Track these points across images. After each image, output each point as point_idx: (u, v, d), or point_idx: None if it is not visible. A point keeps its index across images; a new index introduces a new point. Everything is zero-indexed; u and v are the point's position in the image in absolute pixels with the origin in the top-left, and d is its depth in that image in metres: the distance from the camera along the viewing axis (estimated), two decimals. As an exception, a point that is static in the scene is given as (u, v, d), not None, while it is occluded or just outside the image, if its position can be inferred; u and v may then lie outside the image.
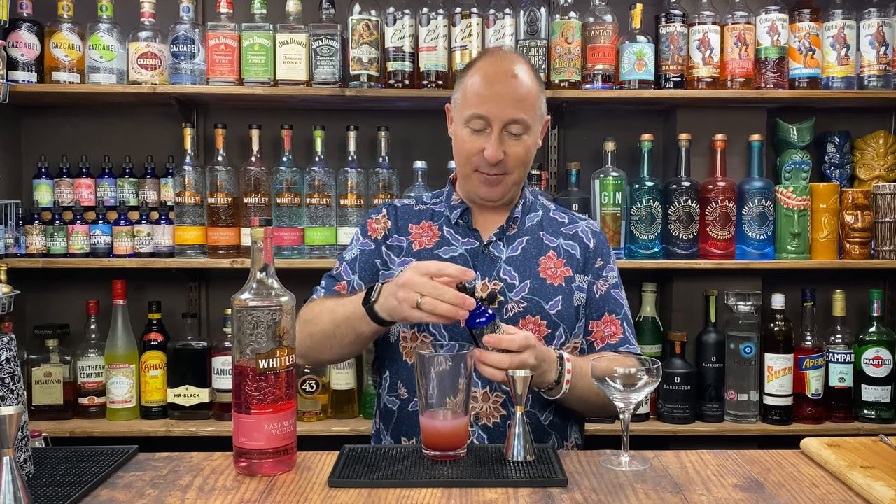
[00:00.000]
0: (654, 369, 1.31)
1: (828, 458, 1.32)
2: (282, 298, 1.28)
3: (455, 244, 1.69)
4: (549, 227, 1.74)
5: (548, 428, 1.62)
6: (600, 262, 1.73)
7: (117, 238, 2.57)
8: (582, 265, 1.71)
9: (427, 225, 1.73)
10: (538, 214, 1.76)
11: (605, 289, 1.72)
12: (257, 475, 1.27)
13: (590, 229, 1.77)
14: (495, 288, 1.63)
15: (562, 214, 1.80)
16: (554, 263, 1.68)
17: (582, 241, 1.74)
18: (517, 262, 1.67)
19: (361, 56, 2.52)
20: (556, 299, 1.64)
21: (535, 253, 1.69)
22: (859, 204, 2.61)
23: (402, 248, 1.71)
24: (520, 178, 1.69)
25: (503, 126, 1.61)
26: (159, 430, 2.52)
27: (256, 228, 1.29)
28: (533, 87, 1.64)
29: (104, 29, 2.55)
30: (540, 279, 1.65)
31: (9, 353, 1.20)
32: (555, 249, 1.70)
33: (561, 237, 1.73)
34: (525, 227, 1.72)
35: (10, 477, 1.02)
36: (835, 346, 2.62)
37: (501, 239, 1.69)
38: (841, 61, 2.63)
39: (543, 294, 1.64)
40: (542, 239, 1.72)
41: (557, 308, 1.64)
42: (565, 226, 1.76)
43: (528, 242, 1.70)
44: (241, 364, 1.26)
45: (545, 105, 1.70)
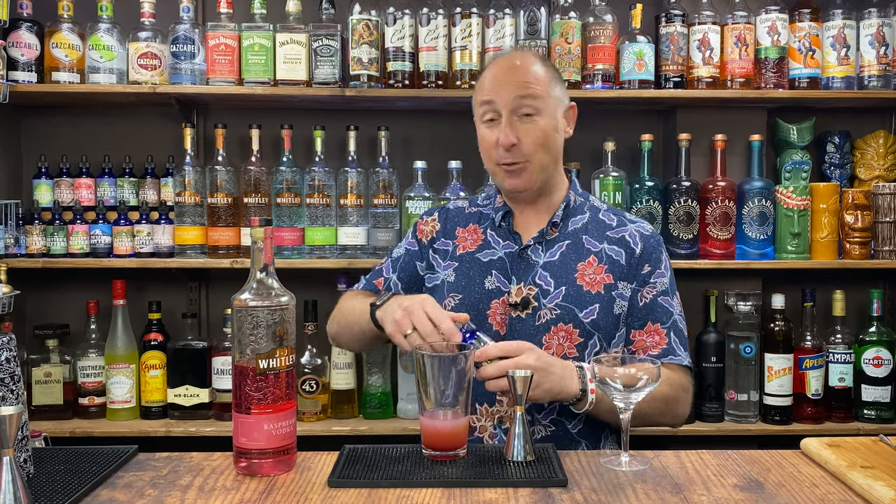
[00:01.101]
0: (655, 369, 1.31)
1: (828, 458, 1.32)
2: (282, 298, 1.28)
3: (496, 247, 1.68)
4: (593, 231, 1.69)
5: (576, 436, 1.61)
6: (648, 267, 1.66)
7: (117, 238, 2.57)
8: (626, 271, 1.65)
9: (473, 228, 1.73)
10: (584, 217, 1.71)
11: (652, 296, 1.65)
12: (257, 475, 1.27)
13: (639, 233, 1.70)
14: (529, 293, 1.61)
15: (612, 216, 1.73)
16: (594, 269, 1.64)
17: (628, 245, 1.67)
18: (554, 267, 1.64)
19: (361, 56, 2.52)
20: (592, 307, 1.61)
21: (574, 258, 1.65)
22: (859, 204, 2.61)
23: (447, 251, 1.72)
24: (544, 164, 1.65)
25: (512, 110, 1.60)
26: (159, 430, 2.52)
27: (256, 228, 1.29)
28: (540, 70, 1.64)
29: (104, 29, 2.55)
30: (576, 286, 1.62)
31: (9, 353, 1.20)
32: (596, 254, 1.66)
33: (605, 241, 1.68)
34: (567, 231, 1.68)
35: (10, 477, 1.02)
36: (835, 346, 2.62)
37: (541, 243, 1.66)
38: (841, 61, 2.63)
39: (578, 301, 1.61)
40: (584, 243, 1.67)
41: (593, 316, 1.60)
42: (612, 229, 1.70)
43: (567, 247, 1.66)
44: (241, 364, 1.26)
45: (563, 91, 1.69)
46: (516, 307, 1.60)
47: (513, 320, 1.61)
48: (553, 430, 1.59)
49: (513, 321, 1.61)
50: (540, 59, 1.69)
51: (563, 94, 1.69)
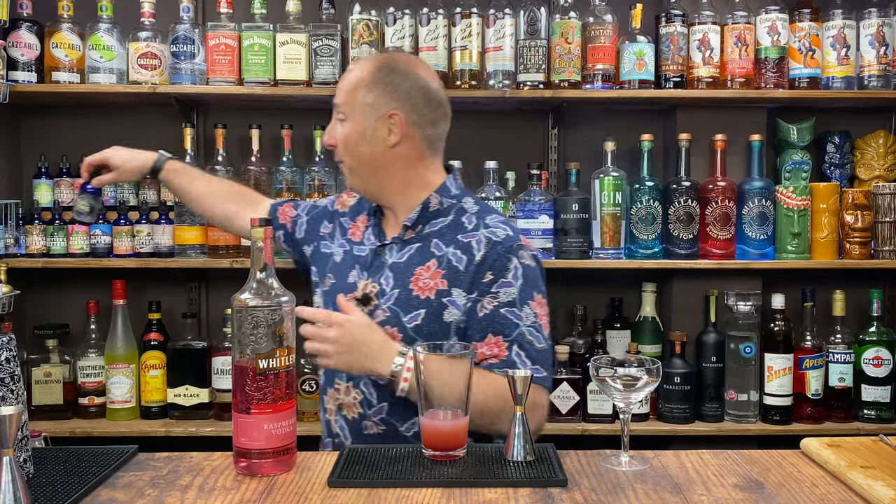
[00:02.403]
0: (654, 369, 1.31)
1: (828, 458, 1.32)
2: (282, 298, 1.28)
3: (367, 243, 1.72)
4: (447, 235, 1.64)
5: (413, 439, 1.56)
6: (490, 276, 1.57)
7: (117, 238, 2.57)
8: (463, 278, 1.58)
9: (363, 219, 1.77)
10: (446, 220, 1.66)
11: (493, 307, 1.56)
12: (257, 475, 1.27)
13: (487, 238, 1.61)
14: (372, 291, 1.63)
15: (474, 220, 1.65)
16: (430, 274, 1.60)
17: (471, 251, 1.60)
18: (398, 268, 1.63)
19: (361, 56, 2.52)
20: (417, 313, 1.57)
21: (416, 261, 1.62)
22: (859, 204, 2.61)
23: (346, 229, 1.78)
24: (353, 168, 1.67)
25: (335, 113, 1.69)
26: (159, 430, 2.52)
27: (256, 228, 1.29)
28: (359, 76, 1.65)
29: (104, 29, 2.55)
30: (407, 290, 1.60)
31: (9, 353, 1.20)
32: (438, 259, 1.61)
33: (452, 246, 1.62)
34: (422, 234, 1.66)
35: (10, 477, 1.02)
36: (835, 345, 2.62)
37: (398, 243, 1.67)
38: (841, 61, 2.63)
39: (405, 306, 1.59)
40: (431, 247, 1.63)
41: (416, 322, 1.57)
42: (465, 233, 1.63)
43: (417, 250, 1.64)
44: (241, 364, 1.26)
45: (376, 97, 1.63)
46: (359, 302, 1.63)
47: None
48: (384, 430, 1.59)
49: None
50: (373, 63, 1.67)
51: (386, 101, 1.63)
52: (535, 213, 2.57)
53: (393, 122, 1.63)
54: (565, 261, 2.60)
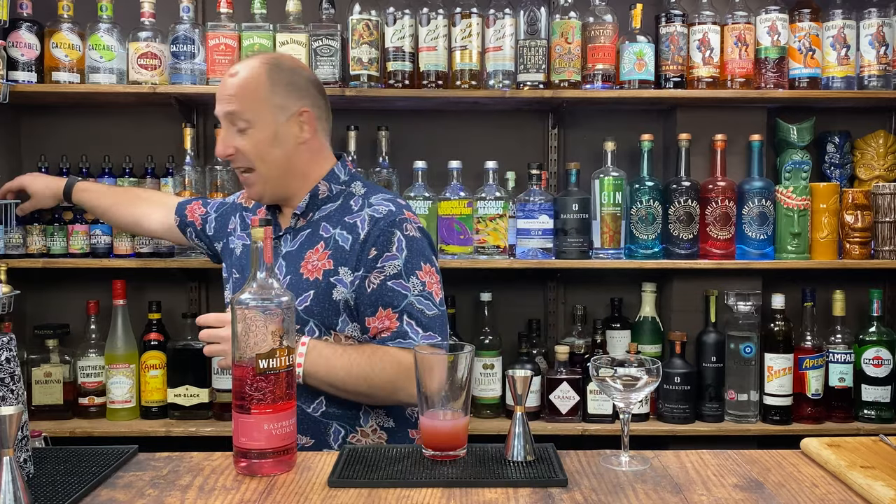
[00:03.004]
0: (654, 369, 1.31)
1: (828, 458, 1.32)
2: (282, 298, 1.28)
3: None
4: (334, 218, 1.69)
5: (322, 418, 1.64)
6: (374, 251, 1.62)
7: (117, 238, 2.57)
8: (348, 256, 1.63)
9: (261, 212, 1.80)
10: (334, 205, 1.72)
11: (380, 281, 1.61)
12: (257, 475, 1.27)
13: (370, 216, 1.65)
14: None
15: (360, 201, 1.70)
16: (318, 256, 1.66)
17: (355, 230, 1.65)
18: (291, 256, 1.69)
19: (361, 56, 2.52)
20: (307, 294, 1.63)
21: (306, 246, 1.68)
22: (859, 204, 2.61)
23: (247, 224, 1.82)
24: (269, 176, 1.67)
25: (228, 122, 1.67)
26: (159, 430, 2.52)
27: (256, 228, 1.30)
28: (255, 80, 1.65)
29: (104, 29, 2.55)
30: (298, 274, 1.66)
31: (9, 353, 1.20)
32: (325, 241, 1.66)
33: (339, 227, 1.67)
34: (313, 220, 1.71)
35: (10, 477, 1.02)
36: (835, 345, 2.62)
37: (290, 232, 1.71)
38: (841, 61, 2.63)
39: (296, 289, 1.64)
40: (320, 231, 1.68)
41: (306, 304, 1.63)
42: (351, 214, 1.68)
43: (306, 236, 1.70)
44: (241, 364, 1.26)
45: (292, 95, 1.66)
46: None
47: None
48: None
49: None
50: (264, 65, 1.67)
51: (292, 100, 1.66)
52: (534, 213, 2.57)
53: (303, 119, 1.67)
54: (565, 261, 2.60)
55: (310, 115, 1.68)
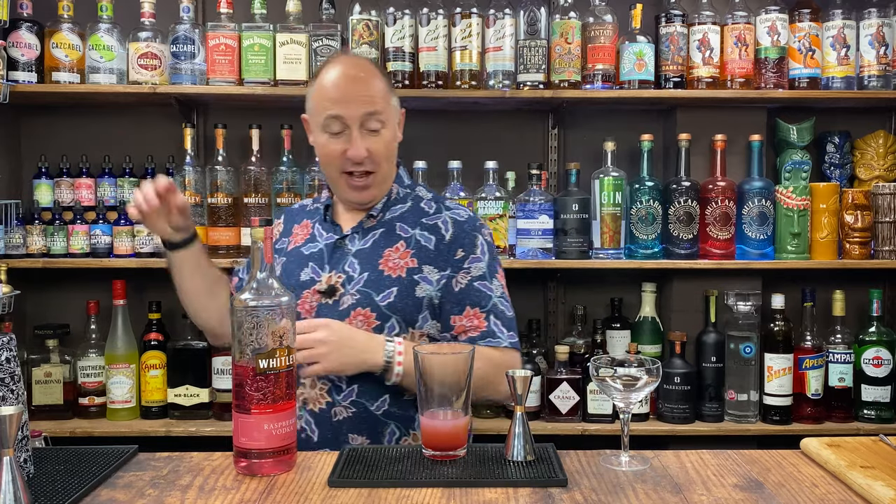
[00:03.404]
0: (654, 369, 1.31)
1: (828, 457, 1.32)
2: (282, 298, 1.28)
3: (319, 240, 1.74)
4: (409, 218, 1.73)
5: (382, 417, 1.63)
6: (461, 252, 1.69)
7: (117, 238, 2.57)
8: (434, 256, 1.68)
9: (306, 223, 1.80)
10: (404, 206, 1.76)
11: (467, 281, 1.68)
12: (257, 475, 1.27)
13: (452, 219, 1.72)
14: (337, 280, 1.67)
15: (432, 205, 1.77)
16: (399, 255, 1.68)
17: (439, 231, 1.71)
18: (364, 254, 1.69)
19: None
20: (390, 291, 1.64)
21: (382, 245, 1.70)
22: (859, 204, 2.61)
23: (282, 249, 1.78)
24: (387, 175, 1.73)
25: (360, 123, 1.66)
26: (159, 430, 2.52)
27: (257, 228, 1.30)
28: (380, 83, 1.70)
29: (104, 29, 2.55)
30: (378, 271, 1.66)
31: (9, 353, 1.20)
32: (406, 240, 1.70)
33: (418, 228, 1.71)
34: (385, 220, 1.74)
35: (10, 477, 1.02)
36: (835, 346, 2.62)
37: (358, 232, 1.72)
38: (841, 61, 2.63)
39: (377, 286, 1.65)
40: (397, 230, 1.71)
41: (389, 299, 1.63)
42: (428, 216, 1.74)
43: (381, 235, 1.71)
44: (241, 364, 1.26)
45: (397, 99, 1.75)
46: (324, 294, 1.66)
47: (320, 307, 1.67)
48: (354, 412, 1.62)
49: (320, 308, 1.67)
50: (376, 68, 1.76)
51: (397, 102, 1.76)
52: (535, 213, 2.57)
53: (401, 120, 1.76)
54: (565, 261, 2.60)
55: (403, 117, 1.78)
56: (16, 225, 2.54)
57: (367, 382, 1.61)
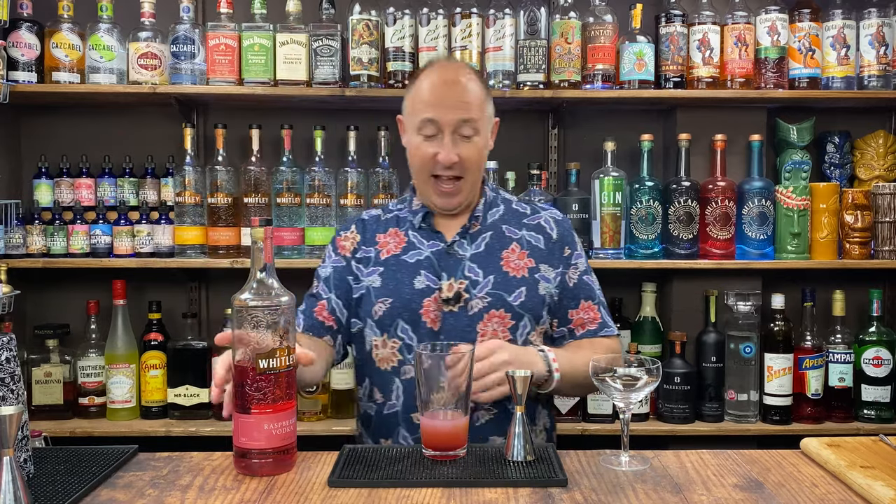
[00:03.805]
0: (654, 369, 1.31)
1: (828, 457, 1.32)
2: (282, 298, 1.28)
3: (421, 247, 1.72)
4: (511, 220, 1.78)
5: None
6: (567, 250, 1.76)
7: (117, 238, 2.57)
8: (546, 255, 1.74)
9: (394, 232, 1.77)
10: (500, 209, 1.79)
11: (577, 276, 1.75)
12: (257, 475, 1.27)
13: (552, 219, 1.80)
14: (460, 287, 1.66)
15: (524, 206, 1.82)
16: (517, 255, 1.72)
17: (545, 231, 1.77)
18: (481, 258, 1.70)
19: (361, 56, 2.52)
20: (520, 290, 1.68)
21: (497, 247, 1.72)
22: (859, 204, 2.61)
23: (370, 258, 1.75)
24: (475, 181, 1.73)
25: (454, 129, 1.66)
26: (159, 430, 2.52)
27: (256, 228, 1.29)
28: (478, 90, 1.70)
29: (104, 29, 2.55)
30: (503, 273, 1.69)
31: (9, 353, 1.20)
32: (517, 241, 1.74)
33: (524, 228, 1.76)
34: (488, 223, 1.76)
35: (10, 477, 1.02)
36: (835, 345, 2.62)
37: (465, 237, 1.73)
38: (841, 61, 2.63)
39: (506, 287, 1.67)
40: (505, 232, 1.75)
41: (521, 299, 1.67)
42: (528, 217, 1.79)
43: (490, 238, 1.73)
44: (241, 364, 1.26)
45: (492, 107, 1.75)
46: (448, 302, 1.66)
47: (445, 315, 1.66)
48: (495, 414, 1.63)
49: (445, 316, 1.66)
50: (476, 74, 1.74)
51: (492, 110, 1.75)
52: (535, 213, 2.57)
53: (494, 128, 1.78)
54: (565, 261, 2.59)
55: (497, 125, 1.78)
56: (16, 225, 2.54)
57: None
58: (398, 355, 1.67)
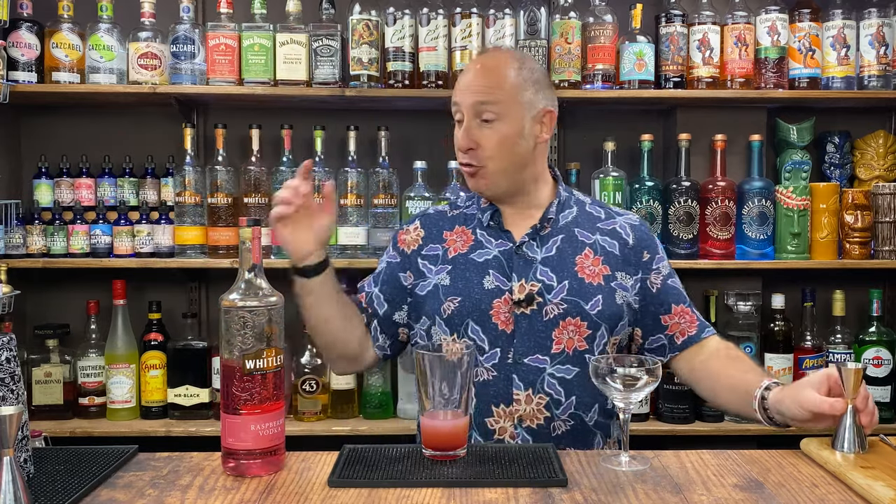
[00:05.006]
0: (654, 369, 1.31)
1: (828, 458, 1.32)
2: (270, 299, 1.28)
3: (489, 246, 1.66)
4: (584, 223, 1.70)
5: (593, 428, 1.63)
6: (647, 255, 1.69)
7: (117, 238, 2.57)
8: (622, 262, 1.67)
9: (460, 230, 1.70)
10: (573, 211, 1.71)
11: (661, 281, 1.69)
12: (245, 475, 1.26)
13: (629, 224, 1.72)
14: (532, 289, 1.61)
15: (598, 209, 1.75)
16: (591, 261, 1.65)
17: (620, 236, 1.70)
18: (553, 261, 1.64)
19: (361, 56, 2.52)
20: (597, 298, 1.61)
21: (570, 252, 1.65)
22: (859, 204, 2.61)
23: (437, 256, 1.69)
24: (502, 169, 1.62)
25: (474, 113, 1.61)
26: (159, 430, 2.52)
27: (245, 228, 1.29)
28: (509, 73, 1.62)
29: (104, 29, 2.55)
30: (578, 279, 1.62)
31: (9, 353, 1.20)
32: (591, 246, 1.67)
33: (598, 233, 1.69)
34: (559, 226, 1.68)
35: (10, 477, 1.02)
36: (835, 346, 2.62)
37: (535, 239, 1.66)
38: (841, 61, 2.63)
39: (583, 294, 1.61)
40: (578, 236, 1.68)
41: (598, 308, 1.61)
42: (602, 221, 1.72)
43: (562, 241, 1.66)
44: (228, 364, 1.26)
45: (540, 96, 1.65)
46: (520, 304, 1.60)
47: (518, 317, 1.61)
48: (572, 425, 1.61)
49: (518, 318, 1.61)
50: (515, 60, 1.66)
51: (539, 99, 1.64)
52: (535, 213, 2.57)
53: (545, 120, 1.66)
54: (565, 261, 2.59)
55: (552, 117, 1.68)
56: (16, 225, 2.54)
57: (585, 394, 1.60)
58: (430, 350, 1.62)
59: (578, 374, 1.60)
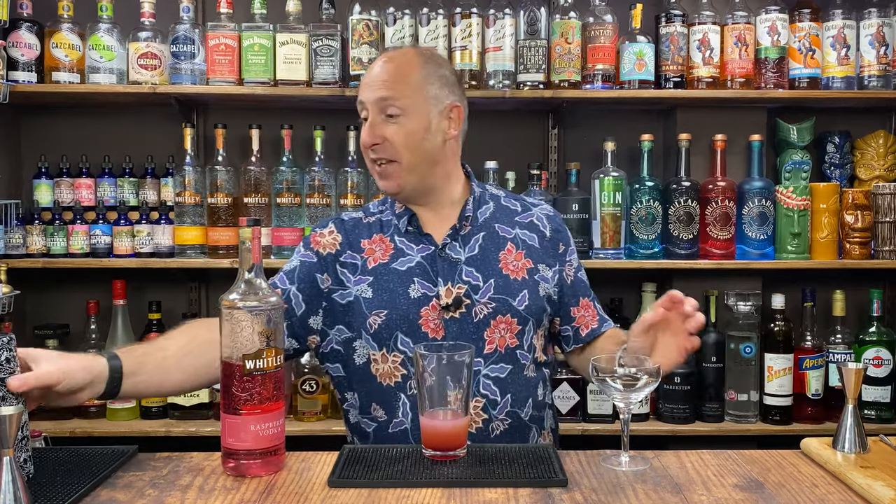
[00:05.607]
0: (654, 369, 1.31)
1: (828, 458, 1.32)
2: (270, 299, 1.28)
3: (411, 253, 1.62)
4: (503, 218, 1.69)
5: (528, 423, 1.62)
6: (562, 247, 1.72)
7: (117, 238, 2.57)
8: (542, 254, 1.68)
9: (378, 238, 1.65)
10: (490, 206, 1.70)
11: (573, 273, 1.73)
12: (245, 475, 1.26)
13: (545, 215, 1.74)
14: (459, 292, 1.58)
15: (513, 202, 1.74)
16: (514, 256, 1.64)
17: (538, 228, 1.71)
18: (477, 261, 1.62)
19: (361, 56, 2.52)
20: (523, 294, 1.62)
21: (493, 248, 1.64)
22: (859, 204, 2.61)
23: (356, 265, 1.62)
24: (413, 165, 1.59)
25: (379, 109, 1.59)
26: (159, 430, 2.52)
27: (244, 228, 1.29)
28: (413, 68, 1.60)
29: (104, 29, 2.55)
30: (503, 276, 1.62)
31: (9, 353, 1.20)
32: (512, 241, 1.66)
33: (517, 227, 1.69)
34: (479, 223, 1.66)
35: (10, 477, 1.02)
36: (835, 346, 2.62)
37: (456, 239, 1.63)
38: (841, 61, 2.63)
39: (509, 291, 1.61)
40: (499, 231, 1.66)
41: (525, 302, 1.61)
42: (519, 214, 1.72)
43: (484, 238, 1.64)
44: (228, 364, 1.26)
45: (446, 91, 1.63)
46: (448, 308, 1.57)
47: (448, 322, 1.58)
48: (510, 423, 1.60)
49: (448, 323, 1.58)
50: (419, 55, 1.65)
51: (445, 94, 1.62)
52: (535, 213, 2.57)
53: (453, 115, 1.64)
54: (565, 261, 2.59)
55: (459, 112, 1.65)
56: (16, 225, 2.54)
57: (519, 390, 1.59)
58: (401, 369, 1.57)
59: (511, 371, 1.59)
